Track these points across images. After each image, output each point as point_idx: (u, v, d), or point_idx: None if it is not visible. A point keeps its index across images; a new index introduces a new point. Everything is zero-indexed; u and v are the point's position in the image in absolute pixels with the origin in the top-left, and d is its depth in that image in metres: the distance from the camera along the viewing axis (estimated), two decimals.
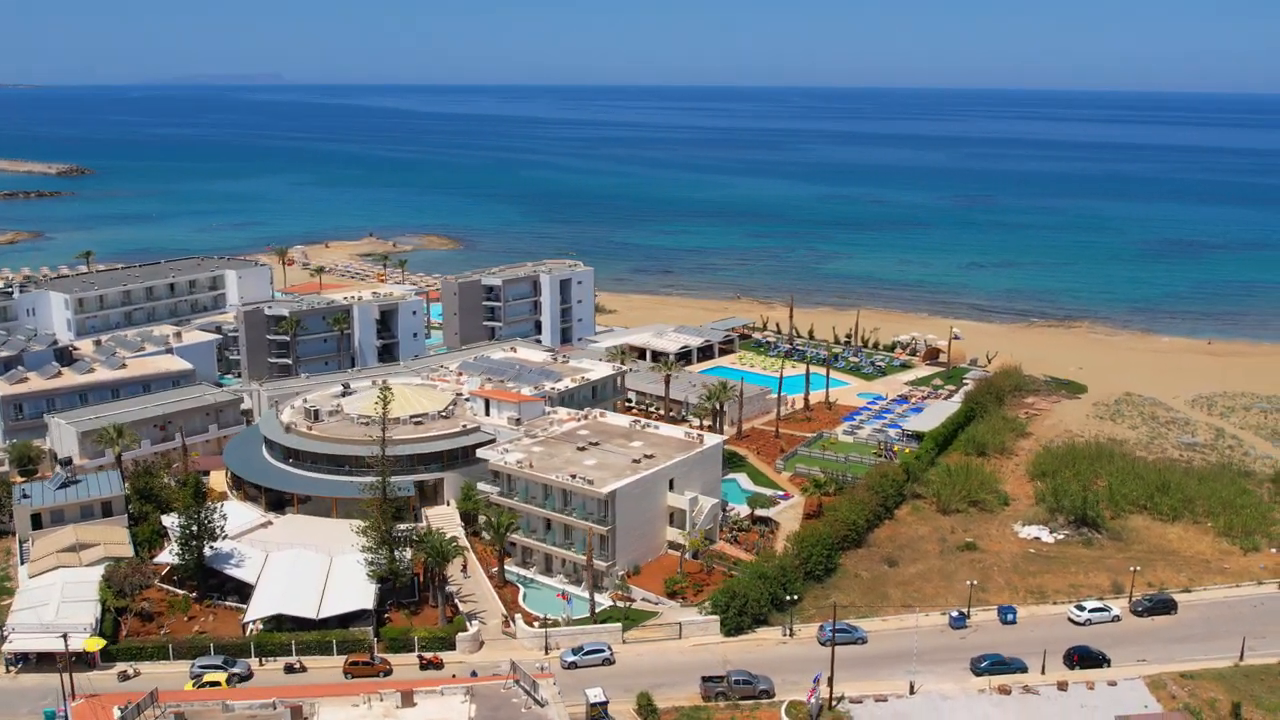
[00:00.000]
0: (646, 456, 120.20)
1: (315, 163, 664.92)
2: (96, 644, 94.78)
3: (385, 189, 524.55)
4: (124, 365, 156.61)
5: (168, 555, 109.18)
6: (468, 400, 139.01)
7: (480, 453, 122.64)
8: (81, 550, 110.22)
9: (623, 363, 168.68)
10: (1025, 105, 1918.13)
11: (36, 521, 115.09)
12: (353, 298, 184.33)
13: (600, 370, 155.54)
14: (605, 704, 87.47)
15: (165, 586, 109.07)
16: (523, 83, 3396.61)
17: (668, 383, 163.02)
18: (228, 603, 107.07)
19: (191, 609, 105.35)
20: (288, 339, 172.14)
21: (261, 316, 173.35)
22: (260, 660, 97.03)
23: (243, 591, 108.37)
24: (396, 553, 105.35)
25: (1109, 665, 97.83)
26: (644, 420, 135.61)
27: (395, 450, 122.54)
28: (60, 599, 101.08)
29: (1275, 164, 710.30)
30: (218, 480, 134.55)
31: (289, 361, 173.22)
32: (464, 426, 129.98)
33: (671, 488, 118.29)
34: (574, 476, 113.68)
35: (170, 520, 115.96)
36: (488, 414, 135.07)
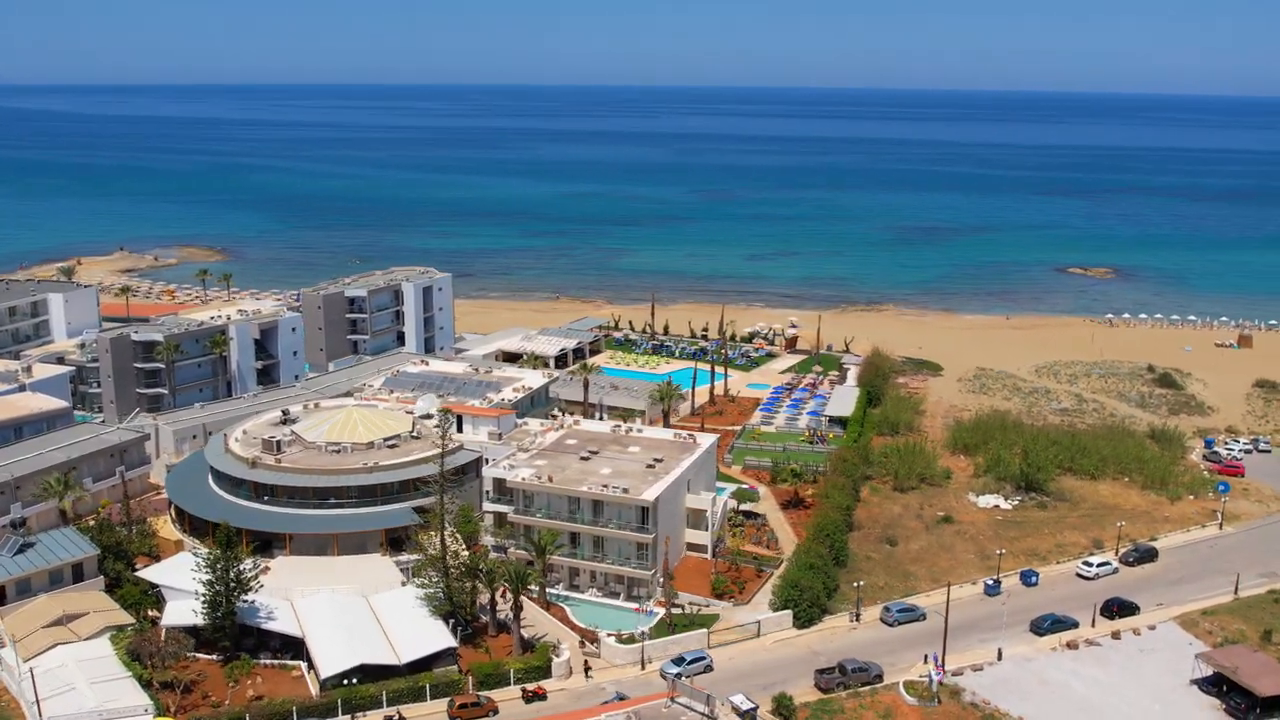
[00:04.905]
0: (657, 460, 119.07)
1: None
2: None
3: (94, 199, 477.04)
4: None
5: (185, 614, 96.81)
6: (427, 418, 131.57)
7: (487, 471, 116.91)
8: (70, 622, 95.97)
9: (521, 367, 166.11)
10: (722, 102, 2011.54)
11: None
12: (218, 316, 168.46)
13: (534, 378, 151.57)
14: (755, 709, 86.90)
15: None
16: (182, 82, 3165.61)
17: (586, 386, 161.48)
18: (263, 660, 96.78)
19: (242, 673, 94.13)
20: (161, 367, 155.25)
21: (128, 343, 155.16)
22: (352, 717, 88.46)
23: (268, 644, 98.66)
24: (457, 583, 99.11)
25: (1139, 612, 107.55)
26: (624, 425, 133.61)
27: (391, 476, 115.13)
28: (85, 679, 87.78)
29: (969, 153, 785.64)
30: (162, 526, 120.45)
31: (164, 391, 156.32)
32: (446, 446, 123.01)
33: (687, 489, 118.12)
34: (606, 486, 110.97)
35: (162, 576, 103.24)
36: (460, 430, 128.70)
